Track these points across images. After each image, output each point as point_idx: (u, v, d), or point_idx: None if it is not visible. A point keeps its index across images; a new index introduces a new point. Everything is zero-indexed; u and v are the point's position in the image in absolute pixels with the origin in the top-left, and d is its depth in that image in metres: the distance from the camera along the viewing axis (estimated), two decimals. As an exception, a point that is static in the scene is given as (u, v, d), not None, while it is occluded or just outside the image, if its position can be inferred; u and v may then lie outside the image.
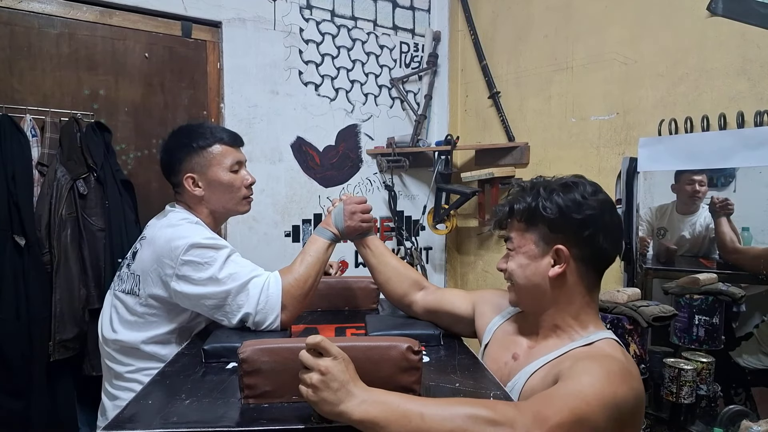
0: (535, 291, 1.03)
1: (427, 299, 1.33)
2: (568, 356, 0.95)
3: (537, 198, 1.01)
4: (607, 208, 1.00)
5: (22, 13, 1.89)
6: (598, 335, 0.99)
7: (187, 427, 0.80)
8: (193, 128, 1.44)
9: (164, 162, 1.44)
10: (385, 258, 1.39)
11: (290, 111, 2.49)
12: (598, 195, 1.00)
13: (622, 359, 0.92)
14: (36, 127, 1.84)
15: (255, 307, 1.23)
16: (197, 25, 2.25)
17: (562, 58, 2.41)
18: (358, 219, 1.37)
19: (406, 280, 1.35)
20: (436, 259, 3.01)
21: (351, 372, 0.80)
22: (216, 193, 1.41)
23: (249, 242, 2.38)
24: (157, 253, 1.29)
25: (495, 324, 1.17)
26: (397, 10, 2.81)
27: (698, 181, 1.88)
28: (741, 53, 1.82)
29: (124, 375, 1.34)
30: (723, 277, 1.78)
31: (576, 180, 1.03)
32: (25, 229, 1.72)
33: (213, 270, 1.24)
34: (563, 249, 0.99)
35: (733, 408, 1.61)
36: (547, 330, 1.04)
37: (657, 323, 1.54)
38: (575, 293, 1.01)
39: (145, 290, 1.31)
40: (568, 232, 0.99)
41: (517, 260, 1.04)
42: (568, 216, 0.98)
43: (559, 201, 0.99)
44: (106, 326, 1.38)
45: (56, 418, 1.81)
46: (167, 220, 1.37)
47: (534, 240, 1.02)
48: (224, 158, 1.40)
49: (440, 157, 2.64)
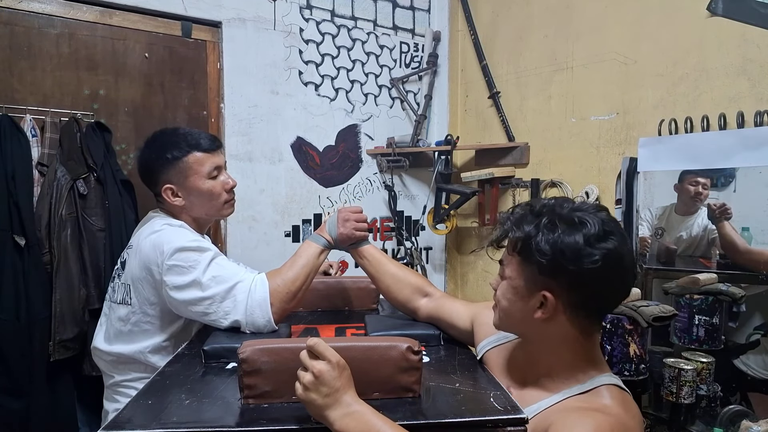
0: (519, 326, 0.96)
1: (430, 307, 1.30)
2: (562, 407, 0.87)
3: (536, 231, 0.88)
4: (612, 261, 0.85)
5: (22, 13, 1.89)
6: (597, 381, 0.89)
7: (187, 427, 0.80)
8: (167, 137, 1.39)
9: (141, 173, 1.42)
10: (382, 266, 1.35)
11: (290, 111, 2.49)
12: (606, 242, 0.85)
13: (618, 412, 0.83)
14: (36, 127, 1.84)
15: (244, 312, 1.22)
16: (197, 25, 2.25)
17: (562, 58, 2.41)
18: (351, 226, 1.34)
19: (406, 286, 1.33)
20: (436, 259, 3.01)
21: (344, 379, 0.80)
22: (197, 202, 1.39)
23: (249, 242, 2.38)
24: (144, 261, 1.28)
25: (488, 344, 1.10)
26: (397, 10, 2.81)
27: (702, 184, 1.87)
28: (741, 53, 1.82)
29: (122, 383, 1.34)
30: (723, 277, 1.78)
31: (587, 217, 0.86)
32: (25, 229, 1.71)
33: (197, 273, 1.23)
34: (550, 297, 0.87)
35: (733, 408, 1.61)
36: (540, 370, 0.94)
37: (657, 323, 1.53)
38: (567, 337, 0.90)
39: (137, 298, 1.31)
40: (559, 280, 0.87)
41: (505, 292, 0.94)
42: (561, 264, 0.85)
43: (557, 243, 0.85)
44: (99, 337, 1.39)
45: (56, 418, 1.81)
46: (150, 226, 1.35)
47: (525, 276, 0.90)
48: (201, 166, 1.37)
49: (440, 157, 2.64)
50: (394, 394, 0.90)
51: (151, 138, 1.42)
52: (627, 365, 1.54)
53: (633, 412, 0.86)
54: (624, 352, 1.54)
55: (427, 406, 0.88)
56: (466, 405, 0.89)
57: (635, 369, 1.54)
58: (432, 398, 0.91)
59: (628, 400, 0.88)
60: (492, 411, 0.86)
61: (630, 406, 0.87)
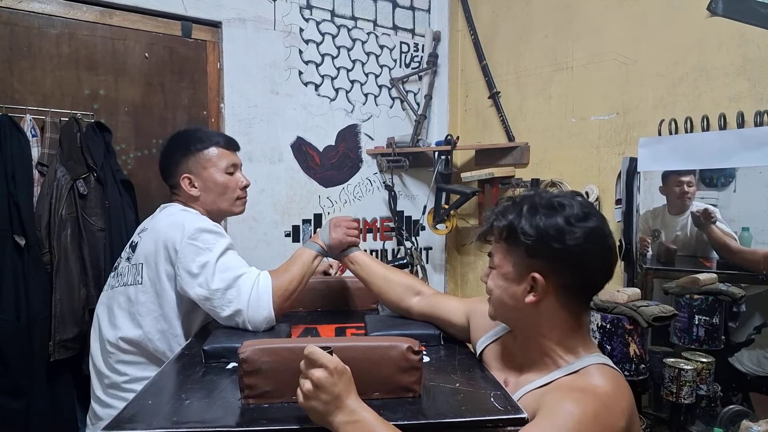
0: (512, 313, 0.98)
1: (422, 305, 1.32)
2: (552, 387, 0.90)
3: (519, 218, 0.92)
4: (594, 238, 0.90)
5: (22, 13, 1.89)
6: (586, 360, 0.92)
7: (188, 427, 0.80)
8: (191, 132, 1.51)
9: (162, 165, 1.51)
10: (372, 269, 1.39)
11: (290, 111, 2.49)
12: (587, 221, 0.90)
13: (605, 391, 0.85)
14: (36, 127, 1.84)
15: (247, 303, 1.25)
16: (197, 25, 2.25)
17: (562, 58, 2.41)
18: (342, 231, 1.40)
19: (397, 286, 1.35)
20: (436, 259, 3.01)
21: (344, 384, 0.80)
22: (211, 194, 1.47)
23: (249, 242, 2.38)
24: (161, 238, 1.32)
25: (483, 343, 1.12)
26: (397, 10, 2.81)
27: (686, 182, 1.88)
28: (741, 53, 1.82)
29: (121, 385, 1.34)
30: (723, 277, 1.77)
31: (565, 201, 0.92)
32: (25, 229, 1.71)
33: (211, 256, 1.27)
34: (539, 278, 0.91)
35: (733, 408, 1.61)
36: (533, 354, 0.97)
37: (657, 323, 1.53)
38: (557, 319, 0.94)
39: (148, 276, 1.34)
40: (546, 260, 0.90)
41: (496, 280, 0.98)
42: (546, 243, 0.89)
43: (540, 224, 0.89)
44: (105, 326, 1.39)
45: (56, 418, 1.81)
46: (168, 211, 1.42)
47: (513, 262, 0.94)
48: (220, 161, 1.47)
49: (440, 157, 2.64)
50: (395, 394, 0.90)
51: (176, 134, 1.54)
52: (627, 365, 1.54)
53: (622, 389, 0.88)
54: (624, 352, 1.54)
55: (427, 406, 0.89)
56: (466, 405, 0.89)
57: (635, 369, 1.54)
58: (432, 398, 0.92)
59: (618, 378, 0.90)
60: (492, 411, 0.86)
61: (620, 382, 0.89)
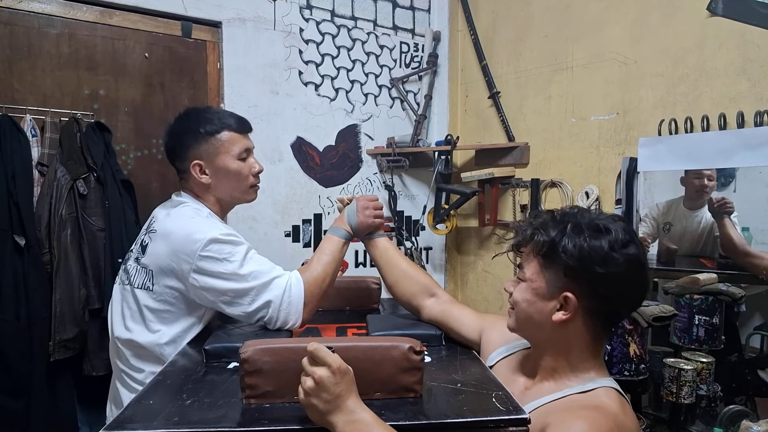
0: (534, 328, 0.97)
1: (435, 310, 1.29)
2: (561, 402, 0.91)
3: (562, 235, 0.91)
4: (634, 267, 0.90)
5: (22, 13, 1.89)
6: (597, 383, 0.92)
7: (189, 427, 0.80)
8: (201, 112, 1.40)
9: (170, 147, 1.40)
10: (394, 260, 1.37)
11: (290, 111, 2.49)
12: (628, 248, 0.90)
13: (616, 411, 0.86)
14: (36, 127, 1.84)
15: (278, 308, 1.23)
16: (197, 25, 2.24)
17: (562, 58, 2.41)
18: (370, 214, 1.38)
19: (415, 284, 1.33)
20: (436, 259, 3.01)
21: (346, 384, 0.80)
22: (223, 181, 1.39)
23: (249, 242, 2.36)
24: (173, 249, 1.26)
25: (497, 356, 1.11)
26: (397, 10, 2.81)
27: (707, 176, 1.87)
28: (741, 53, 1.82)
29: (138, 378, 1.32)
30: (723, 277, 1.77)
31: (610, 225, 0.91)
32: (25, 229, 1.71)
33: (234, 266, 1.24)
34: (572, 298, 0.91)
35: (733, 408, 1.61)
36: (545, 372, 0.98)
37: (657, 323, 1.54)
38: (577, 341, 0.94)
39: (159, 284, 1.28)
40: (582, 282, 0.90)
41: (524, 293, 0.97)
42: (587, 266, 0.89)
43: (584, 246, 0.89)
44: (117, 323, 1.34)
45: (56, 418, 1.80)
46: (179, 213, 1.33)
47: (547, 278, 0.94)
48: (232, 146, 1.38)
49: (440, 157, 2.64)
50: (396, 394, 0.90)
51: (184, 113, 1.42)
52: (627, 365, 1.54)
53: (629, 415, 0.89)
54: (624, 352, 1.54)
55: (428, 407, 0.89)
56: (468, 405, 0.89)
57: (635, 369, 1.54)
58: (433, 398, 0.92)
59: (625, 404, 0.91)
60: (494, 411, 0.86)
61: (626, 409, 0.90)
